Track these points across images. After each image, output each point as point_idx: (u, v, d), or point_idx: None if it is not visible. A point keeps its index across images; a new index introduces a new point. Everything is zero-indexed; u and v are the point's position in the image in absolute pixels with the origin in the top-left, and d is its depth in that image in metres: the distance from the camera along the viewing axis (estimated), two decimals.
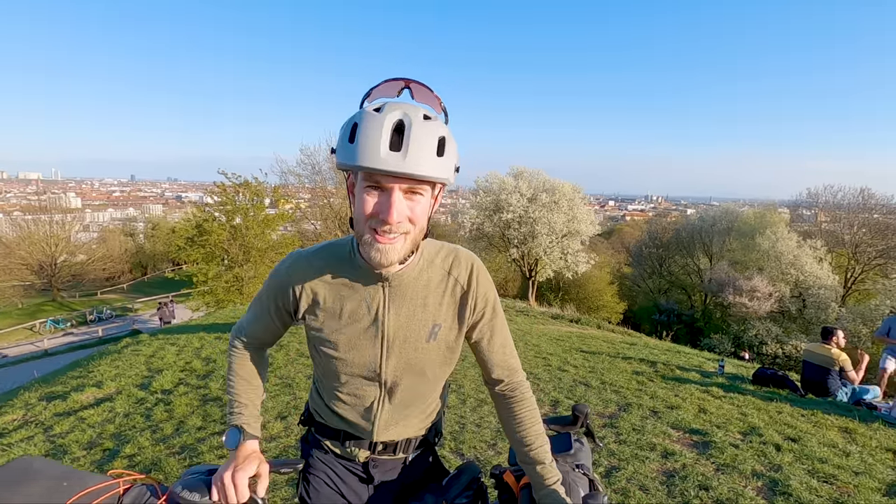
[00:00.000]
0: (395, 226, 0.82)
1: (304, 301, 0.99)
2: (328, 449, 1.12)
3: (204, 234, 14.99)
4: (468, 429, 3.59)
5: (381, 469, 1.11)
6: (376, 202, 0.82)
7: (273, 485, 2.68)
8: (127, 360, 5.76)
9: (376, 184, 0.81)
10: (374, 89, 0.89)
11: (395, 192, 0.81)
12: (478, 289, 1.02)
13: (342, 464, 1.11)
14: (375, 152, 0.76)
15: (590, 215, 24.15)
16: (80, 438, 3.48)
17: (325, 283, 0.98)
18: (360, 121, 0.79)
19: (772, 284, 21.31)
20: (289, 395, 4.23)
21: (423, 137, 0.78)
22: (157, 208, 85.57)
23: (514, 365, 1.09)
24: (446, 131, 0.83)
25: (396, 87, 0.90)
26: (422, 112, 0.82)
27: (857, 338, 16.65)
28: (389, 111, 0.79)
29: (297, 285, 0.98)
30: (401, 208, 0.82)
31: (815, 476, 2.89)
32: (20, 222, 30.70)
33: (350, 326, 0.97)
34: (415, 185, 0.82)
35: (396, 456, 1.10)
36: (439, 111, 0.90)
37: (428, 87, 0.90)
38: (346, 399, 1.03)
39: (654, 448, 3.25)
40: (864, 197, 24.09)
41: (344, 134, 0.81)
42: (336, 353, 0.99)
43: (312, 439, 1.15)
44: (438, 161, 0.80)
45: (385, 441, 1.07)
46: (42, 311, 26.12)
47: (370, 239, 0.84)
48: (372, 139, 0.76)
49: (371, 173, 0.79)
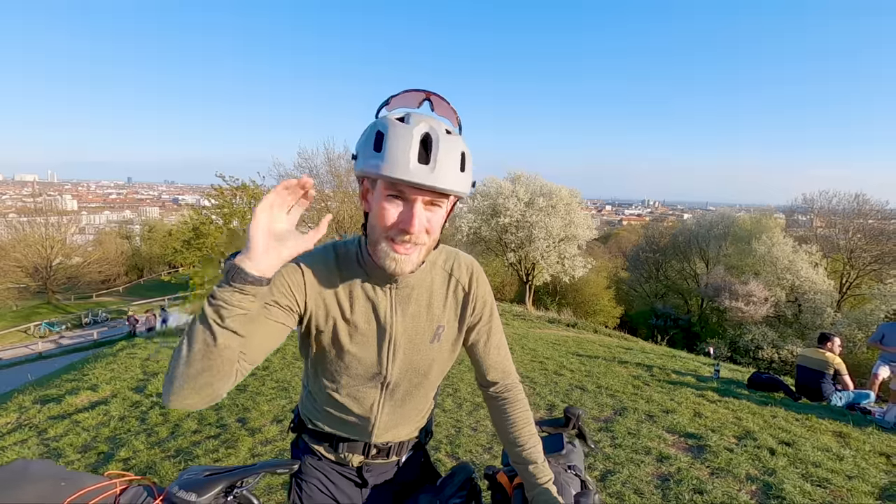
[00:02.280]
0: (414, 236, 0.83)
1: (310, 302, 0.95)
2: (321, 455, 1.11)
3: (201, 236, 14.96)
4: (464, 432, 3.59)
5: (375, 472, 1.11)
6: (400, 212, 0.82)
7: (268, 488, 2.68)
8: (122, 363, 5.74)
9: (399, 194, 0.81)
10: (394, 98, 0.89)
11: (417, 203, 0.81)
12: (478, 290, 1.04)
13: (335, 469, 1.11)
14: (405, 164, 0.76)
15: (587, 220, 24.24)
16: (74, 441, 3.47)
17: (334, 282, 0.96)
18: (386, 130, 0.79)
19: (768, 289, 21.42)
20: (285, 399, 4.22)
21: (449, 152, 0.79)
22: (153, 211, 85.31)
23: (508, 367, 1.10)
24: (465, 147, 0.84)
25: (417, 98, 0.90)
26: (444, 126, 0.82)
27: (852, 343, 16.71)
28: (416, 123, 0.79)
29: (309, 285, 0.95)
30: (422, 219, 0.82)
31: (808, 480, 2.90)
32: (16, 224, 30.51)
33: (356, 327, 0.97)
34: (436, 197, 0.83)
35: (390, 459, 1.11)
36: (455, 125, 0.90)
37: (446, 100, 0.91)
38: (344, 402, 1.02)
39: (649, 452, 3.26)
40: (858, 202, 24.30)
41: (367, 141, 0.81)
42: (341, 355, 0.98)
43: (304, 446, 1.14)
44: (461, 176, 0.81)
45: (380, 444, 1.07)
46: (37, 313, 25.95)
47: (387, 248, 0.85)
48: (401, 150, 0.77)
49: (395, 183, 0.80)
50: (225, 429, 3.63)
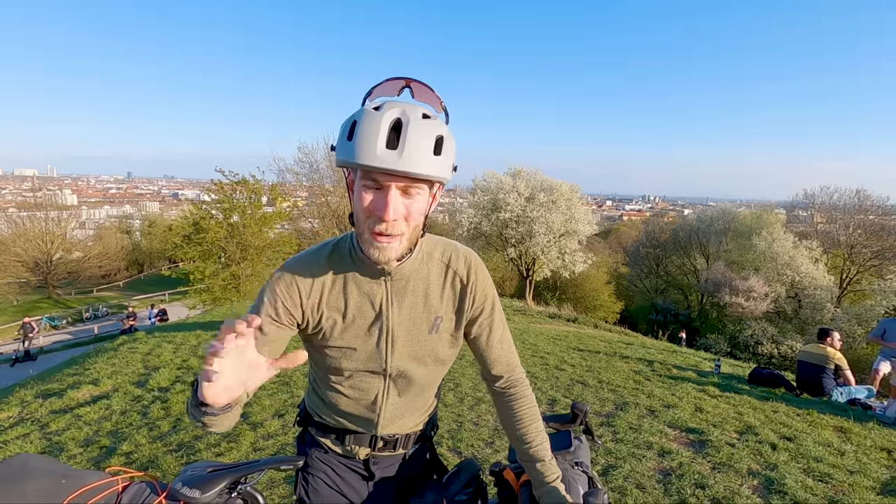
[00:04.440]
0: (391, 224, 0.82)
1: (308, 302, 0.97)
2: (328, 448, 1.11)
3: (201, 231, 14.93)
4: (466, 427, 3.59)
5: (382, 465, 1.11)
6: (373, 199, 0.82)
7: (270, 482, 2.68)
8: (123, 357, 5.75)
9: (374, 181, 0.82)
10: (376, 88, 0.89)
11: (391, 190, 0.81)
12: (476, 283, 1.02)
13: (342, 462, 1.11)
14: (372, 150, 0.76)
15: (587, 215, 24.19)
16: (76, 436, 3.47)
17: (329, 282, 0.98)
18: (359, 119, 0.79)
19: (768, 285, 21.42)
20: (286, 394, 4.22)
21: (420, 136, 0.78)
22: (153, 205, 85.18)
23: (513, 361, 1.09)
24: (445, 130, 0.83)
25: (397, 86, 0.91)
26: (421, 111, 0.82)
27: (851, 338, 16.74)
28: (388, 109, 0.79)
29: (302, 288, 0.96)
30: (397, 206, 0.82)
31: (810, 475, 2.90)
32: (16, 219, 30.47)
33: (354, 321, 0.98)
34: (411, 183, 0.82)
35: (396, 452, 1.11)
36: (440, 111, 0.90)
37: (429, 86, 0.91)
38: (349, 393, 1.03)
39: (650, 447, 3.26)
40: (859, 198, 24.25)
41: (343, 131, 0.82)
42: (341, 348, 0.99)
43: (310, 439, 1.14)
44: (435, 160, 0.80)
45: (387, 436, 1.07)
46: (38, 308, 25.95)
47: (369, 237, 0.85)
48: (369, 137, 0.77)
49: (368, 171, 0.80)
50: None
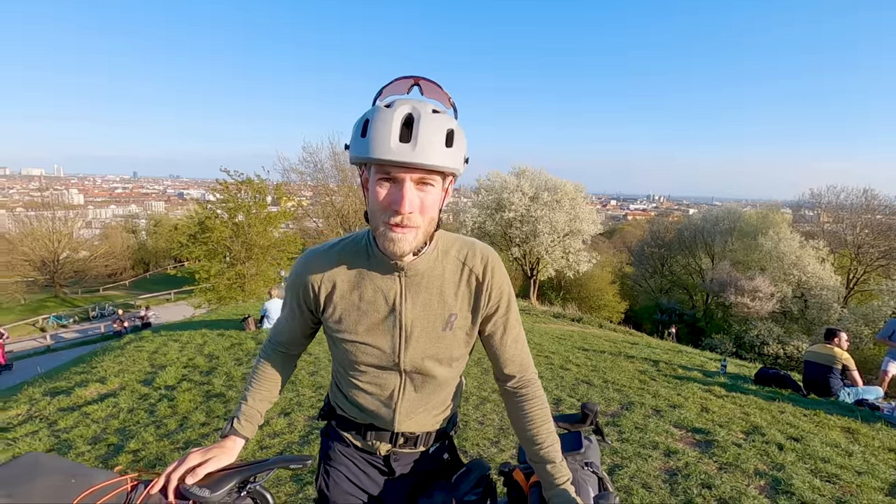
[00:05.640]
0: (406, 216, 0.84)
1: (322, 293, 1.01)
2: (349, 442, 1.13)
3: (206, 231, 15.01)
4: (471, 426, 3.59)
5: (402, 462, 1.12)
6: (388, 193, 0.84)
7: (277, 480, 2.69)
8: (130, 356, 5.78)
9: (388, 175, 0.84)
10: (386, 87, 0.91)
11: (406, 182, 0.83)
12: (493, 281, 1.02)
13: (363, 457, 1.12)
14: (386, 144, 0.79)
15: (591, 214, 24.11)
16: (84, 433, 3.49)
17: (343, 275, 1.00)
18: (371, 116, 0.82)
19: (774, 285, 21.27)
20: (292, 392, 4.23)
21: (432, 129, 0.81)
22: (159, 205, 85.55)
23: (526, 362, 1.09)
24: (455, 124, 0.85)
25: (406, 84, 0.93)
26: (430, 106, 0.84)
27: (859, 339, 16.61)
28: (399, 106, 0.82)
29: (316, 279, 1.01)
30: (412, 198, 0.84)
31: (817, 475, 2.88)
32: (23, 218, 30.73)
33: (368, 316, 0.99)
34: (425, 175, 0.84)
35: (417, 448, 1.11)
36: (448, 107, 0.92)
37: (437, 83, 0.93)
38: (367, 388, 1.05)
39: (656, 446, 3.25)
40: (867, 198, 24.01)
41: (357, 130, 0.85)
42: (356, 343, 1.01)
43: (333, 433, 1.16)
44: (447, 152, 0.83)
45: (406, 433, 1.08)
46: (45, 307, 26.18)
47: (384, 230, 0.87)
48: (383, 132, 0.80)
49: (383, 165, 0.82)
50: None
